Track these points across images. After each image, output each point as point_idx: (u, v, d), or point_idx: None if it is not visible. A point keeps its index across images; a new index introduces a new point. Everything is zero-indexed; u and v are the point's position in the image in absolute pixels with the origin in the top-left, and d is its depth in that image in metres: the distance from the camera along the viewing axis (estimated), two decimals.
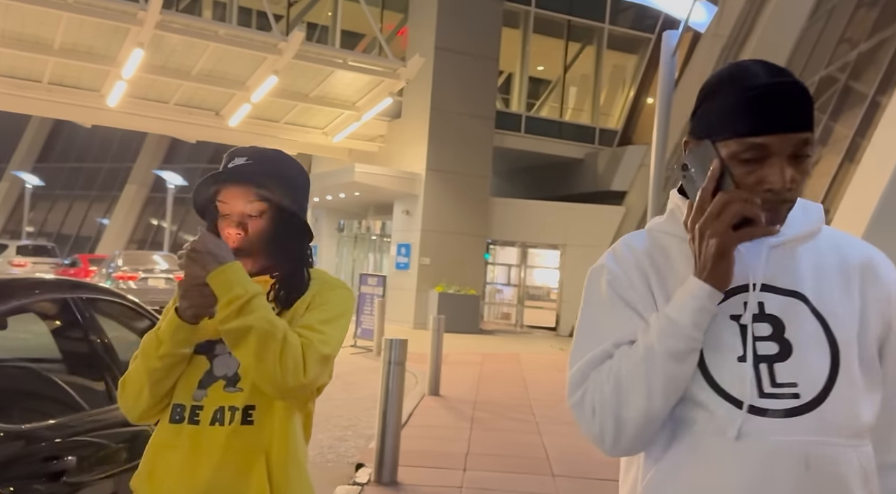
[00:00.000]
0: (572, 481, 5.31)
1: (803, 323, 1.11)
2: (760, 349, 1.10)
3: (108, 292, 2.89)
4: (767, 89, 1.09)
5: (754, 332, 1.11)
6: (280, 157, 1.65)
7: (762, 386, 1.09)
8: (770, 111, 1.09)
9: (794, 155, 1.10)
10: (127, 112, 18.00)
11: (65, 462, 2.09)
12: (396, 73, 16.82)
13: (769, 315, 1.11)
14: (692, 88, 17.03)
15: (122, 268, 17.11)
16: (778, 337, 1.11)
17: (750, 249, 1.13)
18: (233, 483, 1.46)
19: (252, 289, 1.47)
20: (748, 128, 1.09)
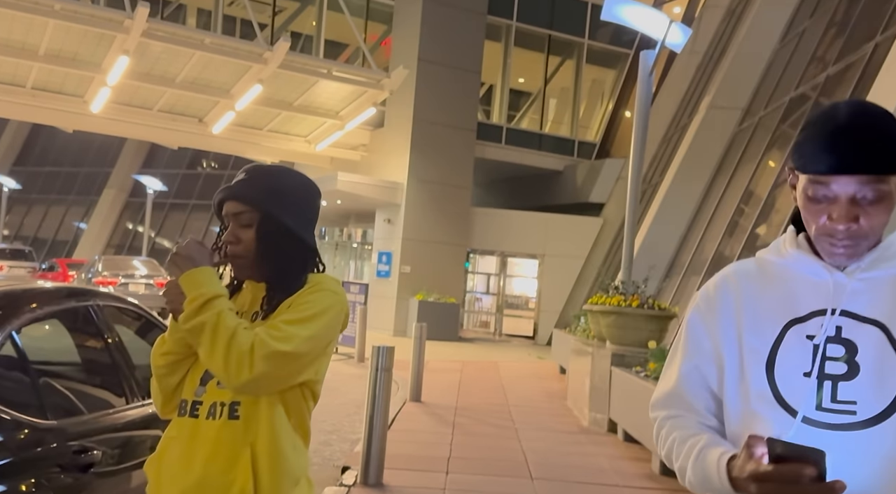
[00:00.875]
0: (550, 483, 5.54)
1: (877, 350, 1.16)
2: (829, 368, 1.17)
3: (122, 300, 3.09)
4: (836, 133, 1.16)
5: (826, 353, 1.17)
6: (276, 172, 1.78)
7: (822, 401, 1.16)
8: (832, 154, 1.15)
9: (858, 197, 1.16)
10: (110, 118, 18.04)
11: (92, 455, 2.29)
12: (380, 83, 17.06)
13: (845, 339, 1.17)
14: (669, 103, 17.52)
15: (102, 273, 17.11)
16: (849, 359, 1.17)
17: (837, 277, 1.21)
18: (221, 473, 1.59)
19: (214, 291, 1.59)
20: (814, 168, 1.17)
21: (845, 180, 1.16)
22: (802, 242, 1.27)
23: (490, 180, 23.38)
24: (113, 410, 2.63)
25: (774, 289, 1.26)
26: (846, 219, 1.17)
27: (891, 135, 1.16)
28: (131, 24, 14.16)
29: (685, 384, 1.33)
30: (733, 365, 1.27)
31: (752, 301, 1.27)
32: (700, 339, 1.32)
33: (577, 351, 9.33)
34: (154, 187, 26.19)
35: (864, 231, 1.18)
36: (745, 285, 1.30)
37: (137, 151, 34.23)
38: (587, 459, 6.43)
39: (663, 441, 1.33)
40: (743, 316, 1.27)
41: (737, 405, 1.26)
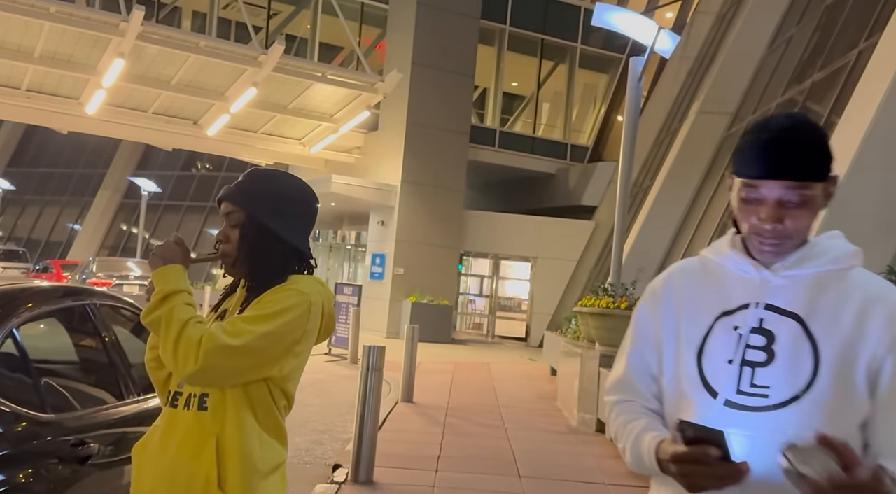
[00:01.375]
0: (537, 481, 5.65)
1: (793, 340, 1.27)
2: (749, 355, 1.28)
3: (118, 299, 3.19)
4: (767, 142, 1.27)
5: (749, 342, 1.29)
6: (272, 176, 1.86)
7: (741, 384, 1.27)
8: (762, 160, 1.27)
9: (784, 200, 1.27)
10: (105, 119, 18.09)
11: (89, 448, 2.39)
12: (374, 87, 17.17)
13: (766, 329, 1.29)
14: (660, 107, 17.68)
15: (96, 275, 17.16)
16: (768, 348, 1.28)
17: (765, 276, 1.32)
18: (189, 461, 1.67)
19: (173, 287, 1.65)
20: (746, 172, 1.29)
21: (772, 184, 1.28)
22: (738, 242, 1.40)
23: (483, 183, 23.51)
24: (109, 406, 2.73)
25: (710, 285, 1.39)
26: (772, 219, 1.28)
27: (815, 147, 1.29)
28: (126, 27, 14.24)
29: (632, 370, 1.46)
30: (671, 353, 1.39)
31: (691, 295, 1.41)
32: (645, 329, 1.45)
33: (566, 353, 9.45)
34: (148, 189, 26.24)
35: (788, 231, 1.29)
36: (687, 281, 1.43)
37: (132, 153, 34.25)
38: (575, 458, 6.55)
39: (612, 424, 1.47)
40: (682, 308, 1.40)
41: (672, 388, 1.39)
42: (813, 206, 1.30)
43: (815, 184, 1.29)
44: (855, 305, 1.28)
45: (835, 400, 1.24)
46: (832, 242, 1.36)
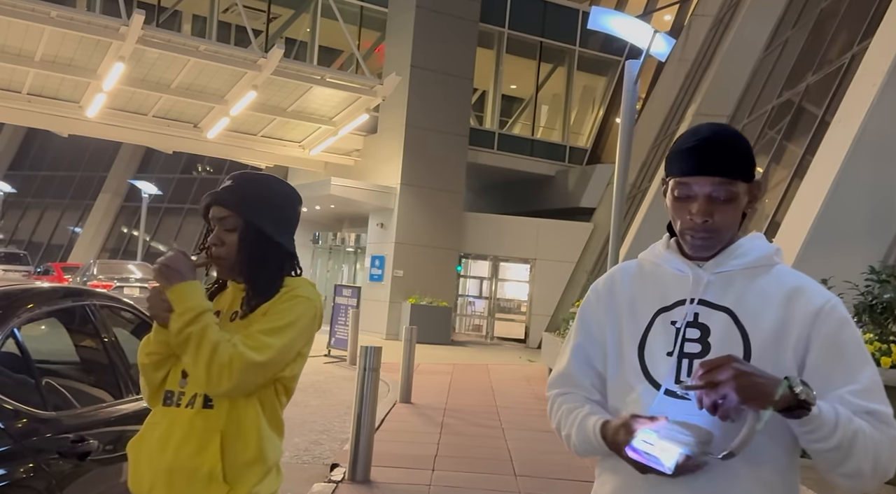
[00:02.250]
0: (533, 480, 5.72)
1: (725, 332, 1.37)
2: (687, 348, 1.39)
3: (118, 300, 3.26)
4: (697, 143, 1.40)
5: (685, 335, 1.39)
6: (260, 180, 1.92)
7: (680, 375, 1.38)
8: (693, 159, 1.39)
9: (712, 196, 1.38)
10: (105, 123, 18.17)
11: (89, 444, 2.45)
12: (373, 90, 17.24)
13: (701, 323, 1.39)
14: (658, 109, 17.75)
15: (96, 277, 17.22)
16: (703, 340, 1.38)
17: (698, 273, 1.43)
18: (190, 457, 1.74)
19: (201, 305, 1.73)
20: (679, 171, 1.41)
21: (703, 181, 1.39)
22: (672, 245, 1.52)
23: (482, 185, 23.58)
24: (108, 404, 2.79)
25: (649, 283, 1.51)
26: (702, 213, 1.40)
27: (740, 150, 1.42)
28: (127, 31, 14.32)
29: (574, 365, 1.56)
30: (614, 347, 1.50)
31: (632, 293, 1.52)
32: (588, 325, 1.56)
33: None
34: (149, 191, 26.32)
35: (716, 225, 1.40)
36: (627, 280, 1.55)
37: (132, 156, 34.34)
38: (570, 458, 6.60)
39: (554, 415, 1.57)
40: (624, 305, 1.51)
41: (615, 379, 1.49)
42: (738, 204, 1.41)
43: (740, 183, 1.40)
44: (779, 296, 1.39)
45: None
46: (755, 242, 1.47)
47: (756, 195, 1.45)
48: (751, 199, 1.44)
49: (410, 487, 5.32)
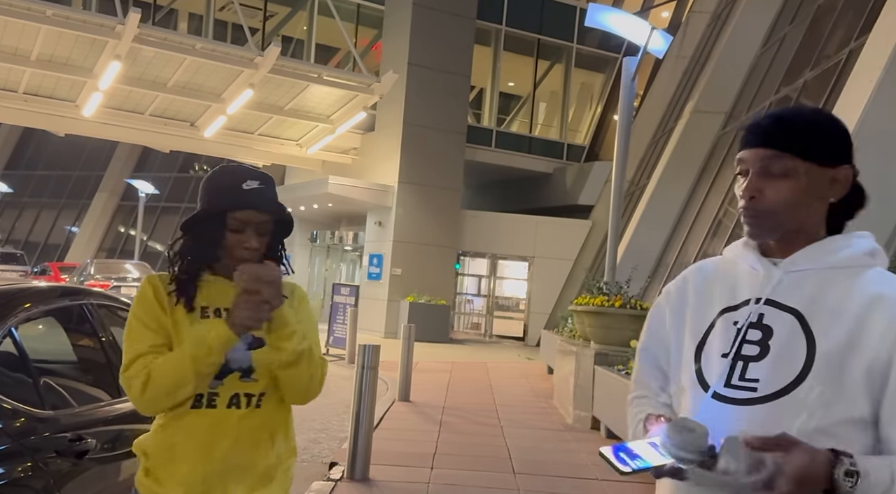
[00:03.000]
0: (532, 478, 5.71)
1: (789, 335, 1.25)
2: (745, 350, 1.28)
3: (115, 299, 3.25)
4: (758, 119, 1.34)
5: (746, 336, 1.28)
6: (272, 180, 1.96)
7: (732, 378, 1.27)
8: (746, 136, 1.33)
9: (763, 170, 1.28)
10: (102, 122, 18.13)
11: (86, 443, 2.44)
12: (370, 88, 17.22)
13: (764, 324, 1.28)
14: (656, 106, 17.74)
15: (94, 277, 17.20)
16: (763, 342, 1.27)
17: (770, 271, 1.32)
18: (245, 455, 1.79)
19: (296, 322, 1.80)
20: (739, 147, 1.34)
21: (753, 154, 1.30)
22: (751, 241, 1.40)
23: (480, 183, 23.57)
24: (106, 403, 2.78)
25: (720, 281, 1.41)
26: (749, 190, 1.30)
27: (803, 123, 1.31)
28: (123, 30, 14.28)
29: (642, 367, 1.50)
30: (677, 347, 1.42)
31: (701, 291, 1.43)
32: (657, 326, 1.48)
33: (562, 351, 9.50)
34: (146, 191, 26.28)
35: (766, 204, 1.29)
36: (700, 279, 1.45)
37: (129, 155, 34.27)
38: (569, 455, 6.60)
39: (627, 419, 1.51)
40: (690, 304, 1.42)
41: (675, 381, 1.42)
42: (798, 183, 1.29)
43: (796, 159, 1.28)
44: (858, 303, 1.24)
45: (824, 396, 1.21)
46: (850, 240, 1.33)
47: (839, 180, 1.30)
48: (829, 183, 1.30)
49: (409, 485, 5.31)
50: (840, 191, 1.32)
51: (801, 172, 1.28)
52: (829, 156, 1.30)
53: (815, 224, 1.33)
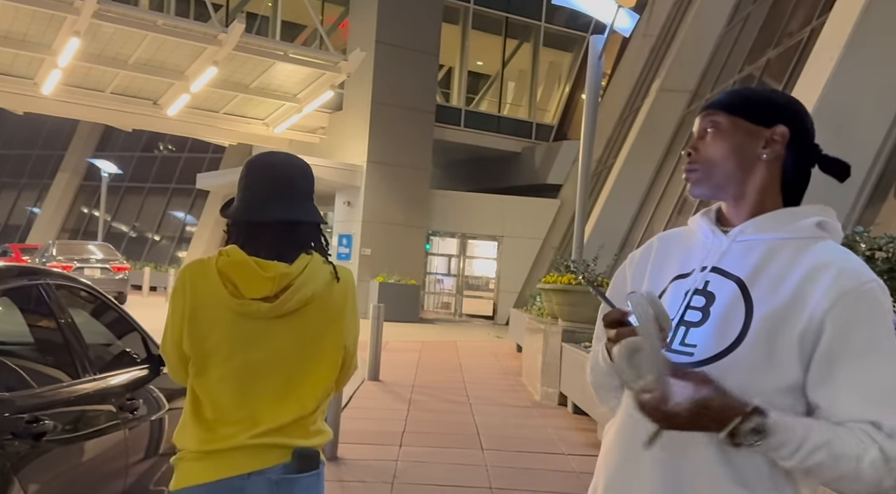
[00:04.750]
0: (500, 454, 5.77)
1: (729, 302, 1.27)
2: (688, 315, 1.30)
3: (74, 280, 3.19)
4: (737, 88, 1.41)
5: (690, 303, 1.31)
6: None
7: (673, 343, 1.29)
8: (704, 104, 1.44)
9: (700, 131, 1.37)
10: (62, 100, 17.70)
11: (44, 425, 2.40)
12: (337, 66, 17.02)
13: (708, 291, 1.30)
14: (624, 85, 17.82)
15: (56, 258, 16.87)
16: (705, 309, 1.29)
17: (719, 239, 1.35)
18: None
19: None
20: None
21: (696, 121, 1.39)
22: (711, 210, 1.43)
23: (449, 162, 23.52)
24: (64, 384, 2.74)
25: (677, 249, 1.44)
26: (689, 146, 1.38)
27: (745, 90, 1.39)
28: (82, 5, 13.91)
29: (599, 326, 1.49)
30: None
31: (660, 258, 1.45)
32: (618, 286, 1.50)
33: (531, 329, 9.59)
34: (109, 170, 25.77)
35: (700, 157, 1.35)
36: (662, 246, 1.48)
37: (91, 134, 33.52)
38: (537, 431, 6.69)
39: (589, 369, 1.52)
40: (650, 270, 1.45)
41: None
42: (730, 139, 1.34)
43: (723, 113, 1.35)
44: (801, 271, 1.24)
45: (756, 362, 1.22)
46: (802, 212, 1.34)
47: (777, 142, 1.33)
48: (771, 146, 1.33)
49: (378, 463, 5.34)
50: (774, 151, 1.33)
51: (728, 125, 1.33)
52: (761, 115, 1.34)
53: (762, 191, 1.35)
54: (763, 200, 1.35)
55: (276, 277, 1.71)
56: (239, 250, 1.75)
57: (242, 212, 1.80)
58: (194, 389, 1.77)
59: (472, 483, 4.90)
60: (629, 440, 1.32)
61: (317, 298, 1.76)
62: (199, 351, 1.75)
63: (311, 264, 1.77)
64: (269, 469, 1.70)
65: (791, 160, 1.35)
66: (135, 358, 3.30)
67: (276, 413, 1.72)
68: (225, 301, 1.71)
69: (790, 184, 1.36)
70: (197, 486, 1.69)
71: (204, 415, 1.73)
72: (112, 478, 2.79)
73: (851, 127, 6.15)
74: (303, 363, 1.77)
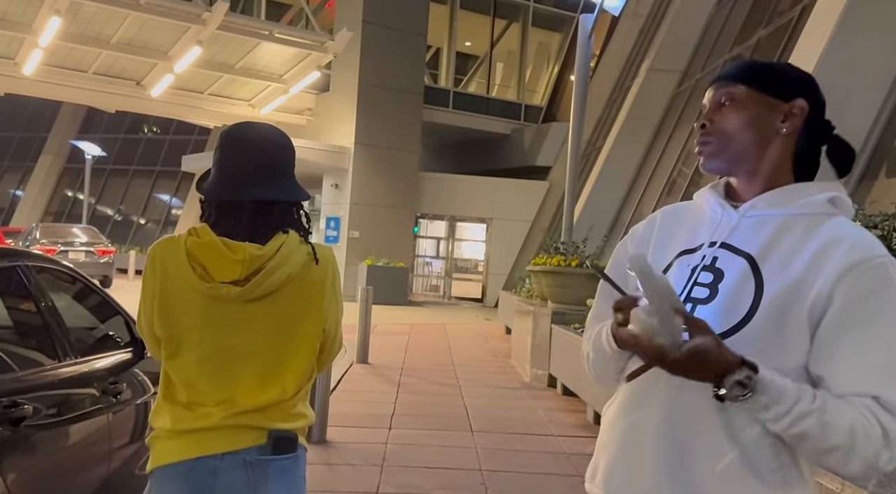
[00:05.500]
0: (489, 435, 5.75)
1: (739, 279, 1.23)
2: (695, 292, 1.26)
3: (54, 261, 3.10)
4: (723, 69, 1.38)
5: (697, 279, 1.27)
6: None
7: None
8: (717, 76, 1.37)
9: (714, 103, 1.32)
10: (43, 80, 17.42)
11: (23, 410, 2.33)
12: (324, 46, 16.82)
13: (717, 267, 1.26)
14: (613, 66, 17.72)
15: (39, 241, 16.69)
16: (713, 286, 1.25)
17: (729, 214, 1.31)
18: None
19: None
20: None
21: (709, 93, 1.35)
22: (720, 185, 1.39)
23: (438, 144, 23.39)
24: (44, 369, 2.66)
25: (684, 223, 1.39)
26: (701, 120, 1.33)
27: (757, 62, 1.35)
28: None
29: (599, 304, 1.47)
30: (633, 286, 1.38)
31: (664, 232, 1.41)
32: (618, 263, 1.45)
33: (520, 312, 9.56)
34: (92, 153, 25.43)
35: (714, 129, 1.31)
36: (666, 220, 1.44)
37: (74, 115, 33.09)
38: (526, 412, 6.68)
39: (583, 350, 1.47)
40: (653, 243, 1.40)
41: None
42: (741, 107, 1.30)
43: (741, 85, 1.31)
44: (814, 247, 1.21)
45: (765, 340, 1.18)
46: (813, 188, 1.30)
47: (796, 116, 1.29)
48: (790, 120, 1.29)
49: (367, 446, 5.30)
50: (793, 125, 1.30)
51: (745, 97, 1.29)
52: (780, 89, 1.30)
53: (776, 167, 1.31)
54: (776, 176, 1.31)
55: (245, 260, 1.63)
56: (209, 230, 1.67)
57: (215, 191, 1.71)
58: (167, 371, 1.71)
59: (462, 466, 4.87)
60: (631, 419, 1.29)
61: (294, 280, 1.69)
62: (171, 334, 1.69)
63: (287, 245, 1.68)
64: (243, 450, 1.64)
65: (805, 136, 1.32)
66: (118, 341, 3.23)
67: (255, 397, 1.67)
68: (194, 284, 1.64)
69: (802, 160, 1.32)
70: (171, 464, 1.64)
71: (177, 397, 1.68)
72: (95, 463, 2.73)
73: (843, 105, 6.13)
74: (282, 347, 1.70)
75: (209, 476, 1.62)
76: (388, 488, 4.34)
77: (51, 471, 2.47)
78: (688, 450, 1.22)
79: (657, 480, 1.23)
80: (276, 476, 1.65)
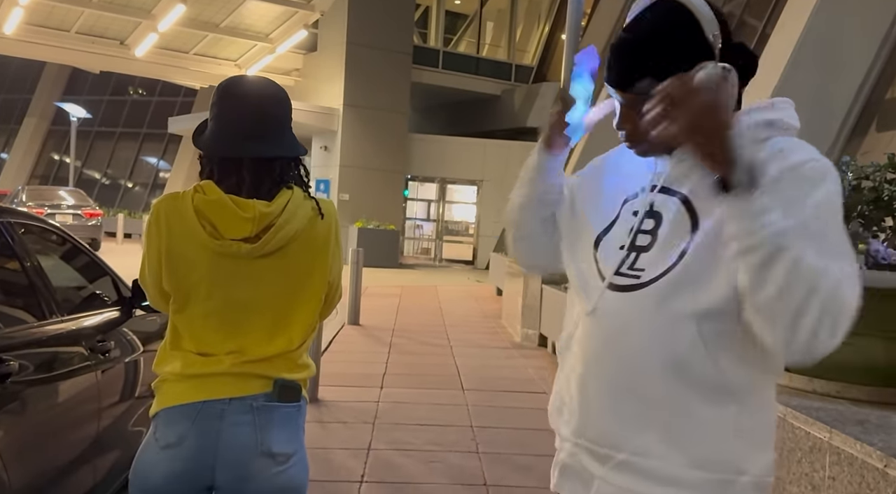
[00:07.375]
0: (479, 393, 5.80)
1: (675, 220, 1.23)
2: (639, 240, 1.25)
3: (38, 219, 3.05)
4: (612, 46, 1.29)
5: (641, 227, 1.26)
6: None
7: (622, 267, 1.25)
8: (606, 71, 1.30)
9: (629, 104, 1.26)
10: (24, 40, 17.07)
11: (8, 366, 2.31)
12: (310, 4, 16.54)
13: (656, 212, 1.25)
14: (605, 25, 17.48)
15: (26, 204, 16.55)
16: (654, 231, 1.24)
17: (660, 160, 1.29)
18: None
19: None
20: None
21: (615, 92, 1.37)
22: None
23: (427, 105, 23.16)
24: (29, 326, 2.64)
25: (627, 169, 1.38)
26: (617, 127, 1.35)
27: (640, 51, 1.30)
28: None
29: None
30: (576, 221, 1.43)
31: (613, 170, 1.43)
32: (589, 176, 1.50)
33: (511, 273, 9.58)
34: (78, 115, 25.03)
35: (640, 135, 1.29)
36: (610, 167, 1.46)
37: (58, 77, 32.49)
38: (517, 371, 6.73)
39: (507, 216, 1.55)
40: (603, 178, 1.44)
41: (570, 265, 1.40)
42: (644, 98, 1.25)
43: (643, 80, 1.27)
44: None
45: (703, 270, 1.16)
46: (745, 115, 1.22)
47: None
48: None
49: (358, 404, 5.33)
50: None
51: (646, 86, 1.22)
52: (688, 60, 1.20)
53: None
54: None
55: (256, 218, 1.64)
56: (215, 187, 1.66)
57: (214, 146, 1.71)
58: (175, 324, 1.73)
59: (453, 422, 4.91)
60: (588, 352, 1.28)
61: (300, 235, 1.70)
62: (180, 289, 1.71)
63: (293, 201, 1.69)
64: (250, 397, 1.67)
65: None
66: (105, 300, 3.20)
67: (263, 348, 1.70)
68: (203, 241, 1.65)
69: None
70: (179, 406, 1.67)
71: (184, 347, 1.71)
72: (85, 420, 2.72)
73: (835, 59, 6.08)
74: (291, 300, 1.73)
75: (216, 418, 1.65)
76: (380, 444, 4.38)
77: (39, 428, 2.46)
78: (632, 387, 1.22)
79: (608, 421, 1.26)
80: (280, 423, 1.68)
